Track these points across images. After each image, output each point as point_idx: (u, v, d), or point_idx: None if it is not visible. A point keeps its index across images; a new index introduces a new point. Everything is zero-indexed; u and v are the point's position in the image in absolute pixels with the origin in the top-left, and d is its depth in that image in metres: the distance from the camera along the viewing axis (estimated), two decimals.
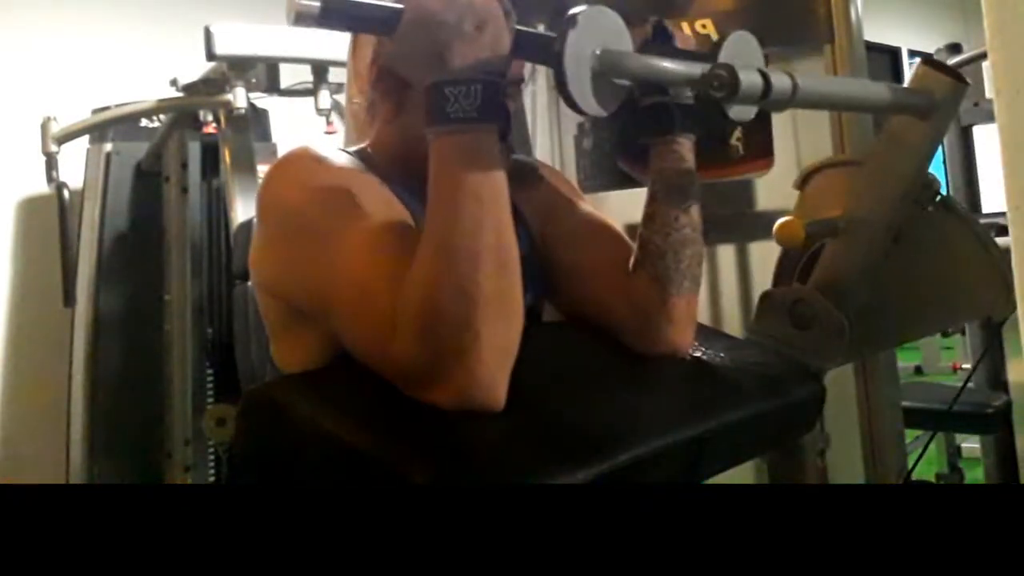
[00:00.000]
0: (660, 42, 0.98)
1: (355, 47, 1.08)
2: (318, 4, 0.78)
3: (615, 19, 0.86)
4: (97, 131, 2.61)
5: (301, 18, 0.78)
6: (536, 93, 1.94)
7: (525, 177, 1.14)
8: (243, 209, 2.08)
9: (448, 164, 0.84)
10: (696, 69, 0.84)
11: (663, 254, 1.01)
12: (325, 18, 0.80)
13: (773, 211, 1.37)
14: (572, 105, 0.80)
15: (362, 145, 1.07)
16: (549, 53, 0.80)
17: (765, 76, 0.82)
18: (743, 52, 0.94)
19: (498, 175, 0.85)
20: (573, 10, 0.81)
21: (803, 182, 1.27)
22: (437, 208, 0.84)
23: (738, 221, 1.64)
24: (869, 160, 1.15)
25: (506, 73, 0.87)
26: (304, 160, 0.97)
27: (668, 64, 0.86)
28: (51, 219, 2.52)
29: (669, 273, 1.01)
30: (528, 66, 1.05)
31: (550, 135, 1.94)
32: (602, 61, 0.82)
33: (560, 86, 0.80)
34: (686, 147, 1.01)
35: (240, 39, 2.03)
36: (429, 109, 0.84)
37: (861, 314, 1.15)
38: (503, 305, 0.83)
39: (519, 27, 0.87)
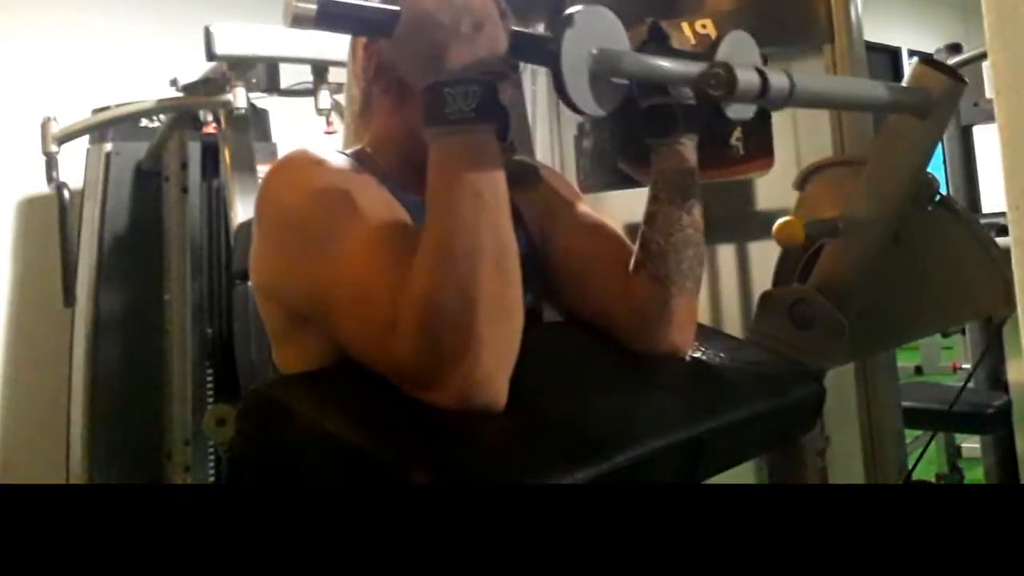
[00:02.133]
0: (656, 42, 0.97)
1: (355, 48, 1.07)
2: (314, 6, 0.78)
3: (612, 19, 0.85)
4: (97, 131, 2.61)
5: (298, 20, 0.77)
6: (536, 94, 1.94)
7: (525, 178, 1.14)
8: (243, 209, 2.08)
9: (446, 165, 0.84)
10: (694, 68, 0.83)
11: (664, 254, 1.01)
12: (322, 21, 0.79)
13: (773, 211, 1.36)
14: (570, 105, 0.80)
15: (359, 146, 1.06)
16: (546, 53, 0.80)
17: (763, 74, 0.82)
18: (740, 51, 0.93)
19: (497, 175, 0.85)
20: (569, 10, 0.81)
21: (803, 182, 1.27)
22: (436, 208, 0.84)
23: (738, 221, 1.64)
24: (868, 160, 1.15)
25: (504, 74, 0.87)
26: (302, 163, 0.96)
27: (665, 63, 0.85)
28: (51, 219, 2.52)
29: (670, 273, 1.01)
30: (528, 66, 1.05)
31: (550, 135, 1.95)
32: (599, 61, 0.81)
33: (558, 87, 0.80)
34: (688, 147, 1.01)
35: (240, 39, 2.03)
36: (426, 110, 0.84)
37: (861, 314, 1.15)
38: (502, 306, 0.83)
39: (516, 28, 0.87)
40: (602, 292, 1.05)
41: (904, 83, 1.08)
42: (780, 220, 1.14)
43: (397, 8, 0.84)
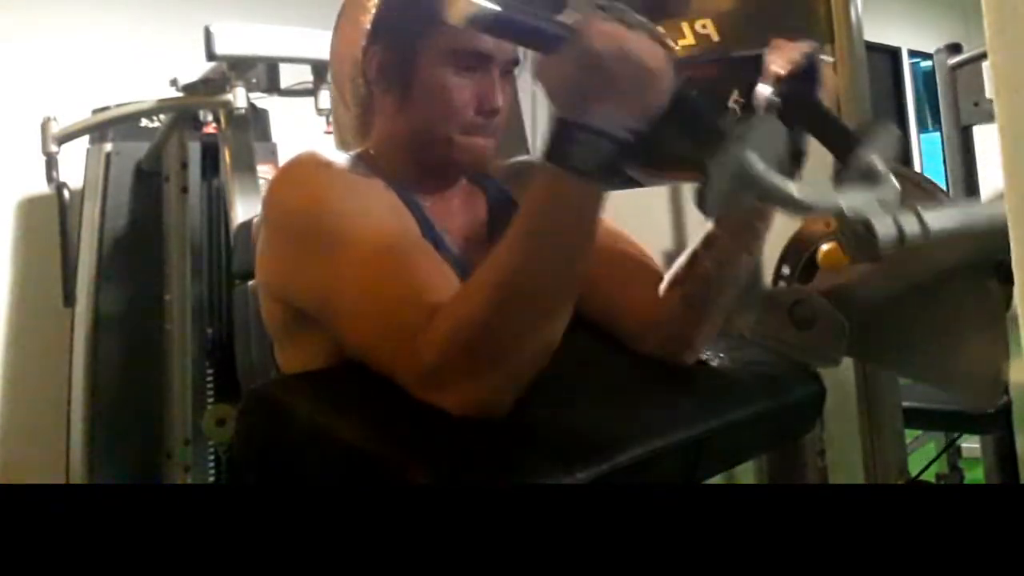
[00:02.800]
0: (807, 82, 0.89)
1: (340, 44, 1.06)
2: (495, 10, 0.74)
3: (778, 132, 0.80)
4: (97, 131, 2.61)
5: (474, 21, 0.74)
6: (536, 94, 1.94)
7: (533, 178, 1.13)
8: (243, 209, 2.08)
9: (547, 202, 0.81)
10: (831, 202, 0.77)
11: (709, 282, 0.98)
12: (496, 26, 0.77)
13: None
14: (699, 205, 0.75)
15: (361, 148, 1.06)
16: (701, 146, 0.76)
17: (900, 229, 0.77)
18: (883, 149, 0.86)
19: (591, 230, 0.82)
20: (746, 122, 0.77)
21: None
22: (519, 237, 0.81)
23: None
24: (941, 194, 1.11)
25: (640, 132, 0.79)
26: (310, 165, 0.96)
27: (799, 196, 0.77)
28: (51, 219, 2.52)
29: (707, 302, 0.98)
30: (522, 55, 1.02)
31: None
32: (741, 176, 0.75)
33: (700, 187, 0.75)
34: None
35: (240, 39, 2.03)
36: (551, 140, 0.78)
37: (861, 323, 1.14)
38: (542, 347, 0.83)
39: (684, 92, 0.81)
40: (614, 303, 1.04)
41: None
42: (825, 247, 1.12)
43: (567, 33, 0.78)
